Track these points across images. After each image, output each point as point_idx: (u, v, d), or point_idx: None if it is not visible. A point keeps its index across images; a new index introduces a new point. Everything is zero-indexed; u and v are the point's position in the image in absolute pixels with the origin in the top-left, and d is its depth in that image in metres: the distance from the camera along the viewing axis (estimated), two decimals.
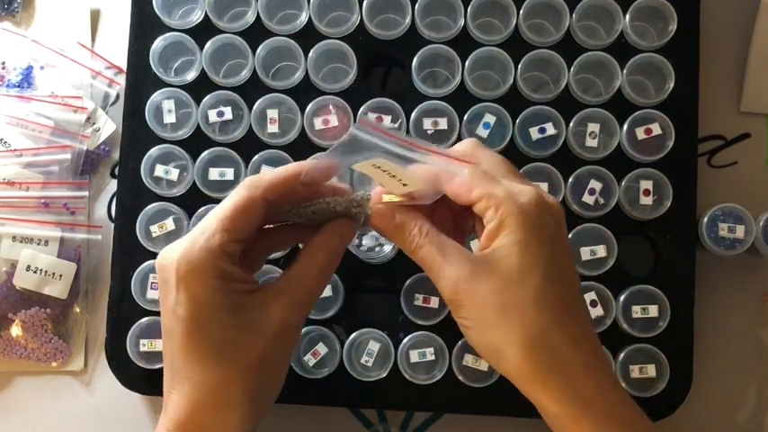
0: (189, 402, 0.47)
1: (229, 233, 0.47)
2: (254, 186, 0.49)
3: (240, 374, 0.47)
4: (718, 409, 0.68)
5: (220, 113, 0.66)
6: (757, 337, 0.68)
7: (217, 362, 0.47)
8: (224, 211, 0.48)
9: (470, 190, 0.46)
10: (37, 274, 0.66)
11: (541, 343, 0.45)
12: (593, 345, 0.47)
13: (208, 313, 0.47)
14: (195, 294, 0.46)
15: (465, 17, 0.66)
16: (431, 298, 0.64)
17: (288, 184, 0.50)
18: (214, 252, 0.47)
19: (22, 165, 0.67)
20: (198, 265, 0.46)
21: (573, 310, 0.47)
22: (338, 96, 0.66)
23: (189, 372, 0.47)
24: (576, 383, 0.45)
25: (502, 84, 0.66)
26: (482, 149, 0.50)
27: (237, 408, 0.48)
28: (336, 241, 0.50)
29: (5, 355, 0.67)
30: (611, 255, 0.64)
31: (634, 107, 0.66)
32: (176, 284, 0.47)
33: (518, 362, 0.45)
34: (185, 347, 0.47)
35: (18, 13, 0.72)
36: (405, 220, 0.48)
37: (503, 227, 0.45)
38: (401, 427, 0.67)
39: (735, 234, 0.65)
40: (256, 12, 0.66)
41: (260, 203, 0.49)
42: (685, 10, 0.66)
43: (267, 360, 0.48)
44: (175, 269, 0.47)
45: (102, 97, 0.71)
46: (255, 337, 0.48)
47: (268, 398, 0.51)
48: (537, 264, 0.45)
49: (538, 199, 0.46)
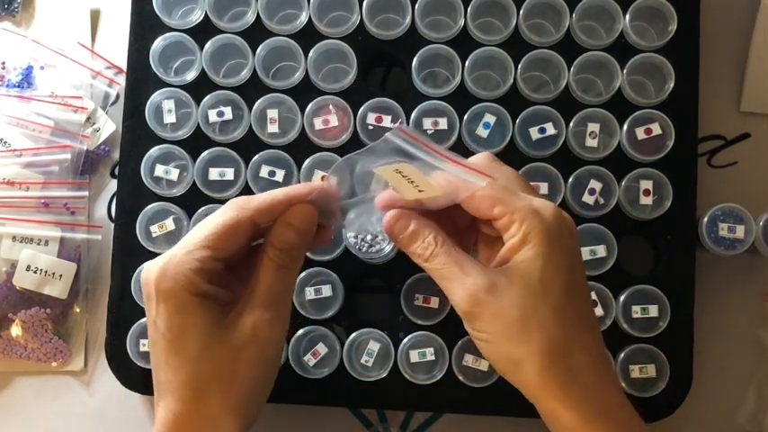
0: (172, 416, 0.48)
1: (211, 251, 0.48)
2: (243, 208, 0.49)
3: (215, 389, 0.48)
4: (718, 409, 0.68)
5: (220, 113, 0.66)
6: (757, 337, 0.68)
7: (192, 376, 0.48)
8: (210, 228, 0.48)
9: (492, 205, 0.46)
10: (37, 274, 0.66)
11: (562, 355, 0.45)
12: (604, 353, 0.48)
13: (184, 328, 0.47)
14: (172, 309, 0.47)
15: (465, 17, 0.66)
16: (431, 298, 0.64)
17: (276, 209, 0.50)
18: (193, 269, 0.47)
19: (22, 165, 0.67)
20: (175, 280, 0.47)
21: (588, 321, 0.47)
22: (338, 96, 0.66)
23: (170, 385, 0.48)
24: (592, 395, 0.46)
25: (502, 84, 0.66)
26: (498, 164, 0.51)
27: (218, 421, 0.48)
28: (289, 234, 0.50)
29: (5, 355, 0.67)
30: (611, 255, 0.64)
31: (634, 107, 0.66)
32: (156, 299, 0.48)
33: (537, 374, 0.45)
34: (165, 360, 0.48)
35: (18, 13, 0.72)
36: (419, 228, 0.48)
37: (526, 241, 0.46)
38: (401, 427, 0.67)
39: (735, 234, 0.65)
40: (256, 12, 0.66)
41: (247, 226, 0.49)
42: (685, 10, 0.66)
43: (245, 370, 0.49)
44: (154, 284, 0.48)
45: (102, 97, 0.71)
46: (231, 350, 0.48)
47: (251, 408, 0.51)
48: (558, 277, 0.45)
49: (558, 214, 0.47)
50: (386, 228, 0.49)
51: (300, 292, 0.64)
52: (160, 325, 0.48)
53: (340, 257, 0.65)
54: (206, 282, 0.48)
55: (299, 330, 0.64)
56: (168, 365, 0.48)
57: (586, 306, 0.48)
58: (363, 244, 0.63)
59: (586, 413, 0.45)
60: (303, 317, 0.64)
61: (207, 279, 0.48)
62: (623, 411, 0.47)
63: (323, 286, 0.64)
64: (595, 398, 0.46)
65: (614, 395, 0.47)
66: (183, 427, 0.48)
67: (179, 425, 0.48)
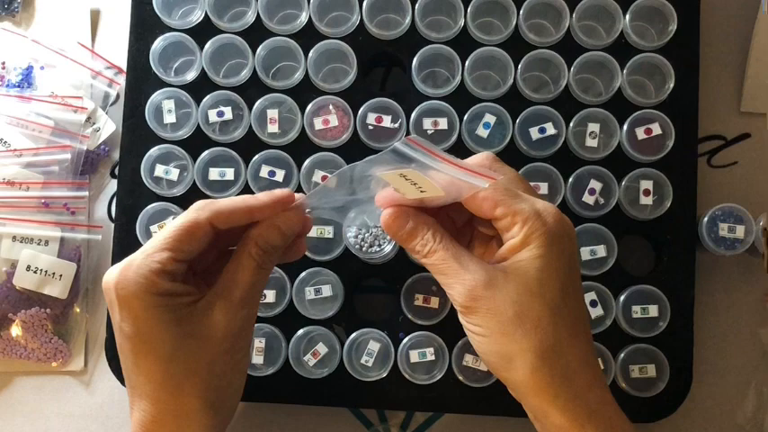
0: (148, 418, 0.48)
1: (171, 252, 0.48)
2: (202, 209, 0.49)
3: (191, 384, 0.48)
4: (718, 409, 0.68)
5: (220, 113, 0.66)
6: (757, 337, 0.68)
7: (166, 375, 0.48)
8: (169, 231, 0.49)
9: (494, 206, 0.47)
10: (37, 274, 0.66)
11: (555, 355, 0.45)
12: (593, 355, 0.48)
13: (150, 329, 0.47)
14: (136, 312, 0.47)
15: (465, 17, 0.66)
16: (431, 298, 0.64)
17: (237, 215, 0.50)
18: (153, 270, 0.47)
19: (22, 165, 0.67)
20: (134, 284, 0.47)
21: (581, 323, 0.48)
22: (338, 96, 0.66)
23: (143, 387, 0.48)
24: (583, 395, 0.46)
25: (502, 84, 0.66)
26: (500, 164, 0.51)
27: (195, 417, 0.48)
28: (274, 236, 0.50)
29: (5, 355, 0.67)
30: (611, 255, 0.64)
31: (634, 107, 0.66)
32: (118, 304, 0.48)
33: (529, 372, 0.45)
34: (135, 363, 0.48)
35: (18, 13, 0.72)
36: (418, 225, 0.48)
37: (527, 243, 0.46)
38: (401, 427, 0.67)
39: (735, 234, 0.65)
40: (256, 12, 0.66)
41: (204, 227, 0.49)
42: (685, 10, 0.66)
43: (218, 364, 0.49)
44: (114, 290, 0.48)
45: (102, 97, 0.71)
46: (201, 344, 0.48)
47: (227, 402, 0.51)
48: (556, 278, 0.46)
49: (560, 218, 0.47)
50: (384, 225, 0.49)
51: (300, 292, 0.64)
52: (126, 329, 0.48)
53: (340, 257, 0.65)
54: (168, 281, 0.48)
55: (299, 330, 0.64)
56: (139, 368, 0.48)
57: (580, 309, 0.48)
58: (363, 244, 0.63)
59: (575, 412, 0.46)
60: (303, 317, 0.64)
61: (169, 279, 0.48)
62: (611, 411, 0.47)
63: (323, 286, 0.64)
64: (584, 398, 0.46)
65: (602, 395, 0.47)
66: (158, 426, 0.48)
67: (155, 424, 0.48)
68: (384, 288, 0.66)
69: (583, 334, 0.47)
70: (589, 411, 0.46)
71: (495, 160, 0.51)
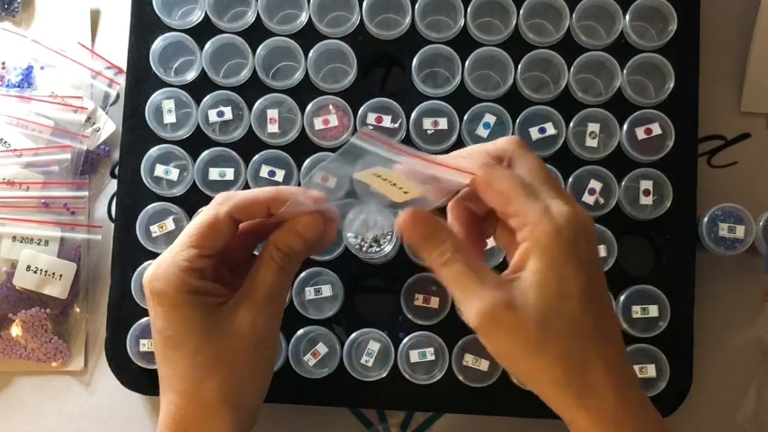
0: (174, 410, 0.50)
1: (196, 249, 0.50)
2: (221, 204, 0.50)
3: (214, 381, 0.49)
4: (718, 409, 0.68)
5: (220, 113, 0.66)
6: (757, 337, 0.68)
7: (191, 370, 0.49)
8: (193, 228, 0.50)
9: (507, 202, 0.44)
10: (37, 274, 0.66)
11: (578, 370, 0.44)
12: (623, 360, 0.46)
13: (178, 325, 0.49)
14: (167, 309, 0.49)
15: (465, 17, 0.66)
16: (431, 298, 0.64)
17: (256, 207, 0.51)
18: (181, 268, 0.49)
19: (22, 165, 0.67)
20: (165, 281, 0.49)
21: (607, 329, 0.45)
22: (338, 96, 0.66)
23: (170, 380, 0.50)
24: (609, 406, 0.44)
25: (502, 84, 0.66)
26: (524, 151, 0.47)
27: (217, 414, 0.50)
28: (294, 240, 0.51)
29: (5, 355, 0.67)
30: (611, 255, 0.64)
31: (634, 107, 0.66)
32: (152, 301, 0.50)
33: (552, 388, 0.44)
34: (164, 356, 0.50)
35: (18, 13, 0.72)
36: (436, 231, 0.46)
37: (537, 246, 0.43)
38: (401, 427, 0.67)
39: (735, 234, 0.65)
40: (256, 12, 0.66)
41: (225, 221, 0.50)
42: (685, 10, 0.66)
43: (241, 364, 0.50)
44: (149, 287, 0.50)
45: (102, 97, 0.71)
46: (225, 341, 0.50)
47: (250, 403, 0.52)
48: (574, 288, 0.44)
49: (574, 220, 0.44)
50: (399, 229, 0.47)
51: (300, 292, 0.64)
52: (158, 324, 0.50)
53: (340, 257, 0.65)
54: (198, 278, 0.50)
55: (299, 330, 0.64)
56: (168, 361, 0.50)
57: (605, 314, 0.46)
58: (363, 244, 0.63)
59: (604, 422, 0.44)
60: (303, 317, 0.64)
61: (199, 276, 0.50)
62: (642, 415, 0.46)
63: (323, 286, 0.64)
64: (612, 408, 0.44)
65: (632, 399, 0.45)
66: (183, 418, 0.50)
67: (180, 416, 0.50)
68: (384, 288, 0.66)
69: (609, 341, 0.45)
70: (617, 420, 0.44)
71: (519, 146, 0.48)
